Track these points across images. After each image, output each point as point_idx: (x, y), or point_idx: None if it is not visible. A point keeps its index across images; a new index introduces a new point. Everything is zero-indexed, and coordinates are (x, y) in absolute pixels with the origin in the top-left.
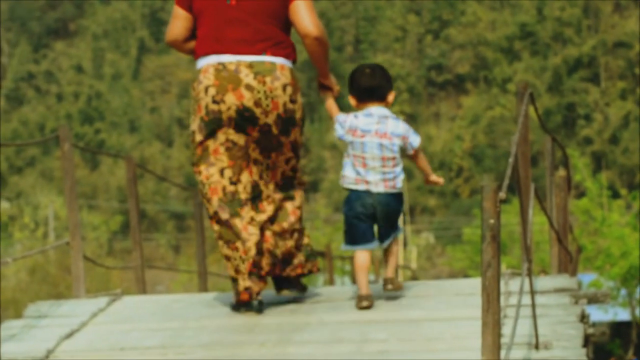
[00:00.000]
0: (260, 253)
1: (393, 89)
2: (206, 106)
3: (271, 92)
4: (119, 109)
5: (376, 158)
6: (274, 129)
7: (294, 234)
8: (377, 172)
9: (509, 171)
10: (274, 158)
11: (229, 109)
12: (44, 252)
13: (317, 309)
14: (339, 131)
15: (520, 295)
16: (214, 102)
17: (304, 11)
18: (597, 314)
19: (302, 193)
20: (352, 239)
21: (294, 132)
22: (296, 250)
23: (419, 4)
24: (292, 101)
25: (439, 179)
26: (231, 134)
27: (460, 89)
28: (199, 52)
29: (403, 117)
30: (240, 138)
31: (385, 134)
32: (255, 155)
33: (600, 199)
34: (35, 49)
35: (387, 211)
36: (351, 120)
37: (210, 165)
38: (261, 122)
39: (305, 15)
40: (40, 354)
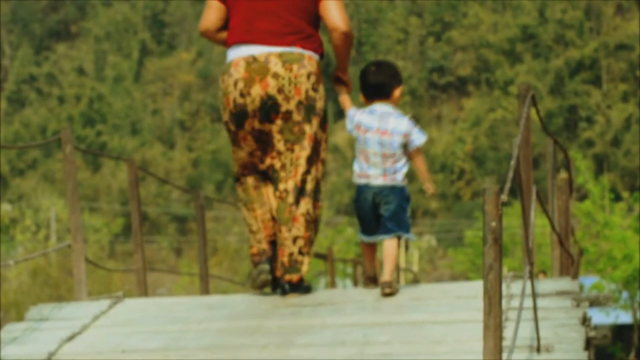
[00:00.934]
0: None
1: (401, 84)
2: (234, 100)
3: (296, 78)
4: (121, 112)
5: (377, 154)
6: (296, 115)
7: (297, 240)
8: (378, 168)
9: (510, 174)
10: (297, 152)
11: (253, 101)
12: (46, 254)
13: (319, 311)
14: (349, 125)
15: (522, 298)
16: (241, 95)
17: (334, 7)
18: (598, 316)
19: (318, 205)
20: (361, 229)
21: (314, 121)
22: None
23: (420, 6)
24: (314, 89)
25: (430, 187)
26: (256, 123)
27: (462, 91)
28: (230, 41)
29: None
30: (265, 126)
31: (386, 131)
32: (279, 146)
33: (602, 201)
34: (37, 51)
35: (385, 203)
36: (359, 116)
37: (240, 149)
38: (283, 109)
39: (335, 11)
40: (42, 357)
